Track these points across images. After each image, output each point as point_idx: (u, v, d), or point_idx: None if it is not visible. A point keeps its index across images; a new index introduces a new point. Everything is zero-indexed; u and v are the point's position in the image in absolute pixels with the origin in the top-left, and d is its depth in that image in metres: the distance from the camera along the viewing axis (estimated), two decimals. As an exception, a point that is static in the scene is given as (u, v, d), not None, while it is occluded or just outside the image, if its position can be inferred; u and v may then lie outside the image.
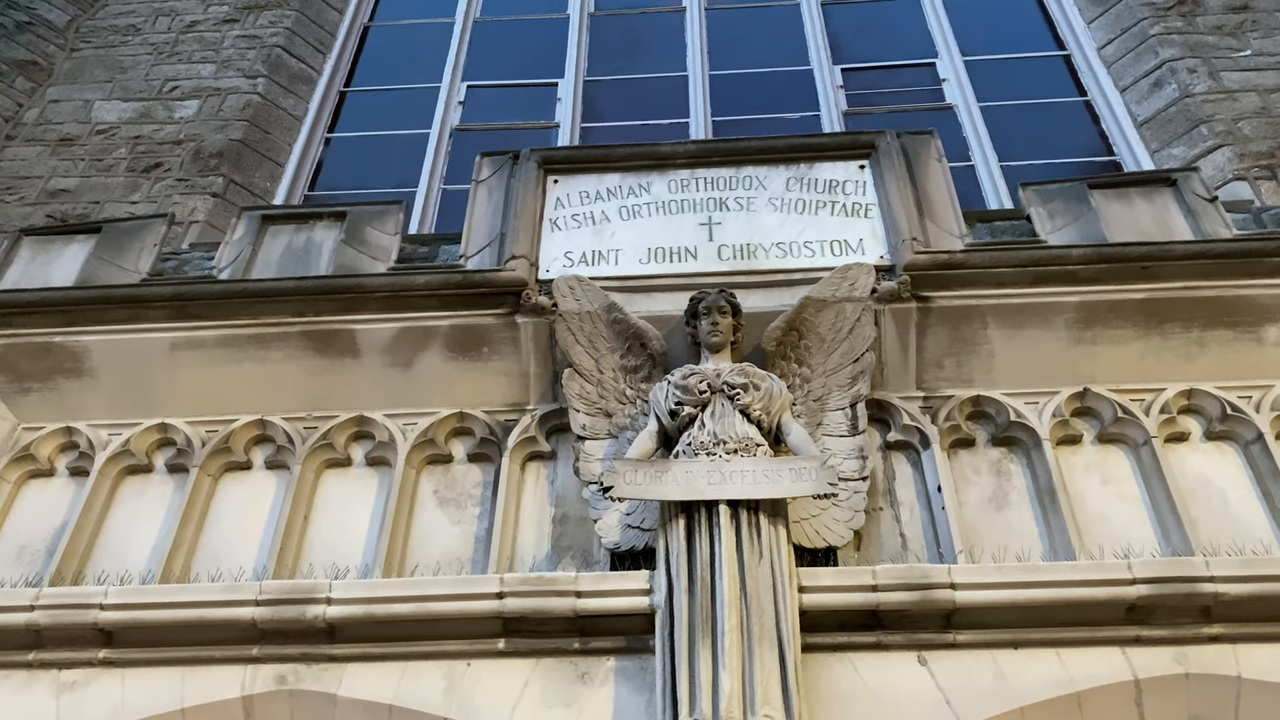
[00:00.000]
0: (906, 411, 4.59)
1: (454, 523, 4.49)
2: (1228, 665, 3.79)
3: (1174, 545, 4.11)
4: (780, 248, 4.92)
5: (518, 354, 4.74)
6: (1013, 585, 3.85)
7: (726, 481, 3.95)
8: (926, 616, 3.86)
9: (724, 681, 3.45)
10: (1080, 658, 3.82)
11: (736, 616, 3.62)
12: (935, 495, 4.33)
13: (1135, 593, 3.81)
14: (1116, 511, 4.29)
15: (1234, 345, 4.58)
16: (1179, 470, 4.37)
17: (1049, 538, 4.20)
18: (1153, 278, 4.57)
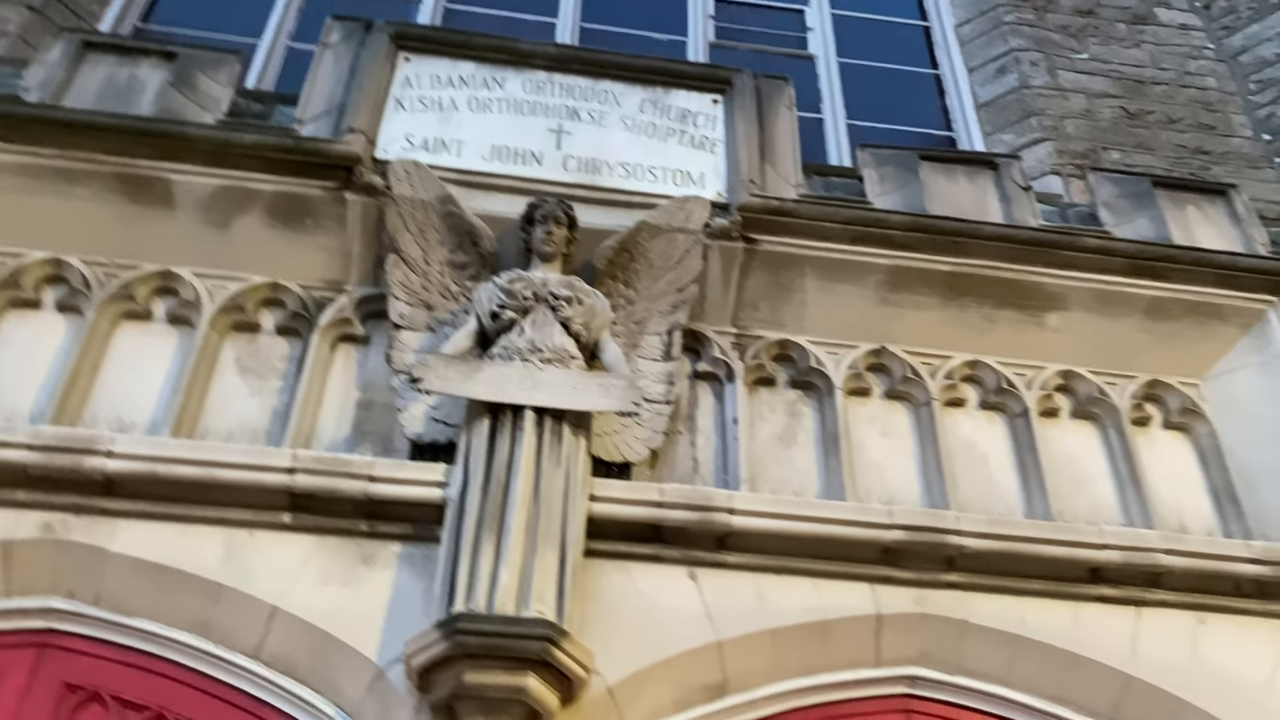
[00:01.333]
0: (719, 345, 4.78)
1: (253, 393, 4.40)
2: (959, 610, 4.21)
3: (933, 499, 4.49)
4: (625, 168, 4.97)
5: (342, 231, 4.63)
6: (785, 517, 4.14)
7: (537, 389, 4.04)
8: (703, 536, 4.10)
9: (503, 576, 3.58)
10: (834, 589, 4.16)
11: (524, 516, 3.73)
12: (731, 426, 4.56)
13: (891, 537, 4.17)
14: (890, 462, 4.64)
15: (1020, 326, 4.97)
16: (951, 432, 4.75)
17: (826, 478, 4.50)
18: (961, 253, 4.88)
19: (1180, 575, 4.29)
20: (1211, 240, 5.13)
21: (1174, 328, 5.00)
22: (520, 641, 3.40)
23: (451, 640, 3.40)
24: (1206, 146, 6.28)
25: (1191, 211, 5.31)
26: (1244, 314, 4.97)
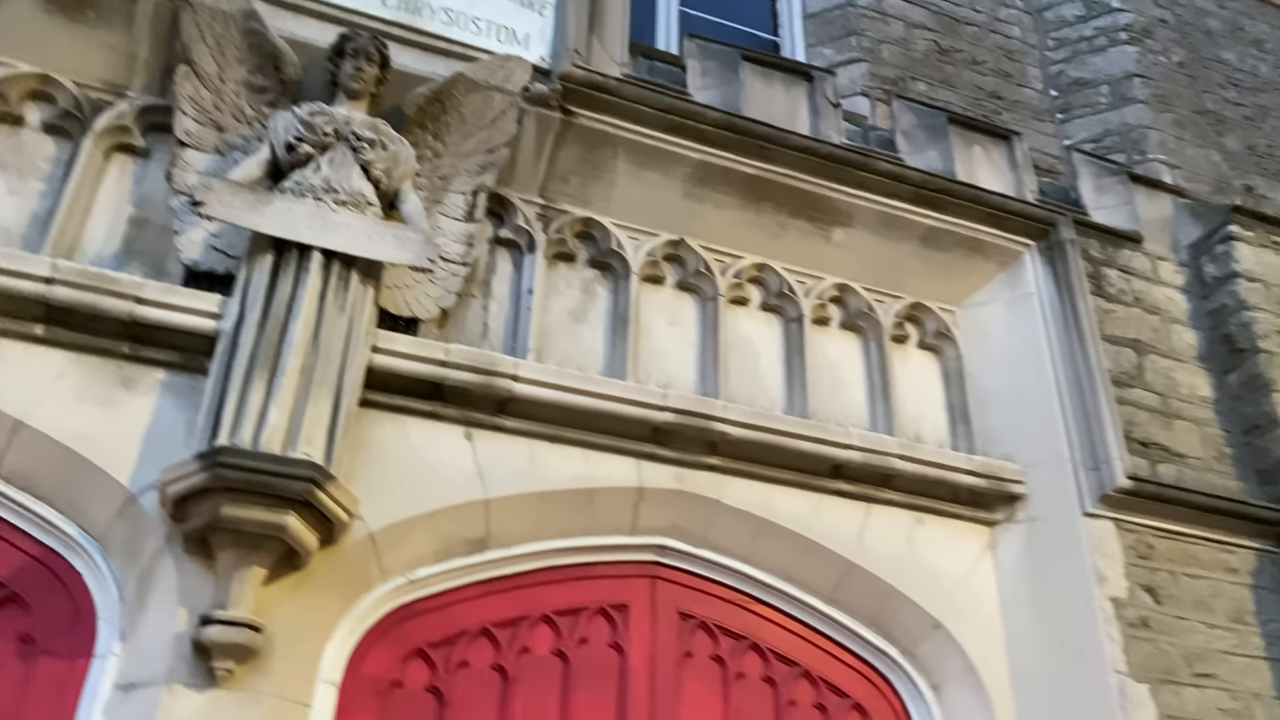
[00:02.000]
0: (524, 214, 4.77)
1: (10, 192, 4.03)
2: (715, 491, 4.52)
3: (706, 387, 4.74)
4: (449, 14, 4.77)
5: (129, 30, 4.24)
6: (566, 389, 4.27)
7: (329, 230, 3.92)
8: (484, 399, 4.17)
9: (272, 415, 3.52)
10: (602, 461, 4.36)
11: (301, 359, 3.67)
12: (525, 296, 4.60)
13: (662, 418, 4.39)
14: (672, 349, 4.83)
15: (808, 236, 5.23)
16: (732, 328, 5.00)
17: (610, 357, 4.65)
18: (767, 158, 5.05)
19: (910, 479, 4.77)
20: (989, 181, 5.54)
21: (944, 257, 5.40)
22: (284, 481, 3.39)
23: (211, 472, 3.34)
24: (1002, 92, 6.72)
25: (977, 151, 5.70)
26: (1005, 253, 5.44)
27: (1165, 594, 4.73)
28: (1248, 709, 4.57)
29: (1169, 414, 5.30)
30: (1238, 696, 4.59)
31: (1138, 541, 4.81)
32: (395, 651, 3.93)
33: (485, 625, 4.11)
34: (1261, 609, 4.88)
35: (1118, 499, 4.79)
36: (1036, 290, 5.30)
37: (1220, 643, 4.70)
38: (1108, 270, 5.53)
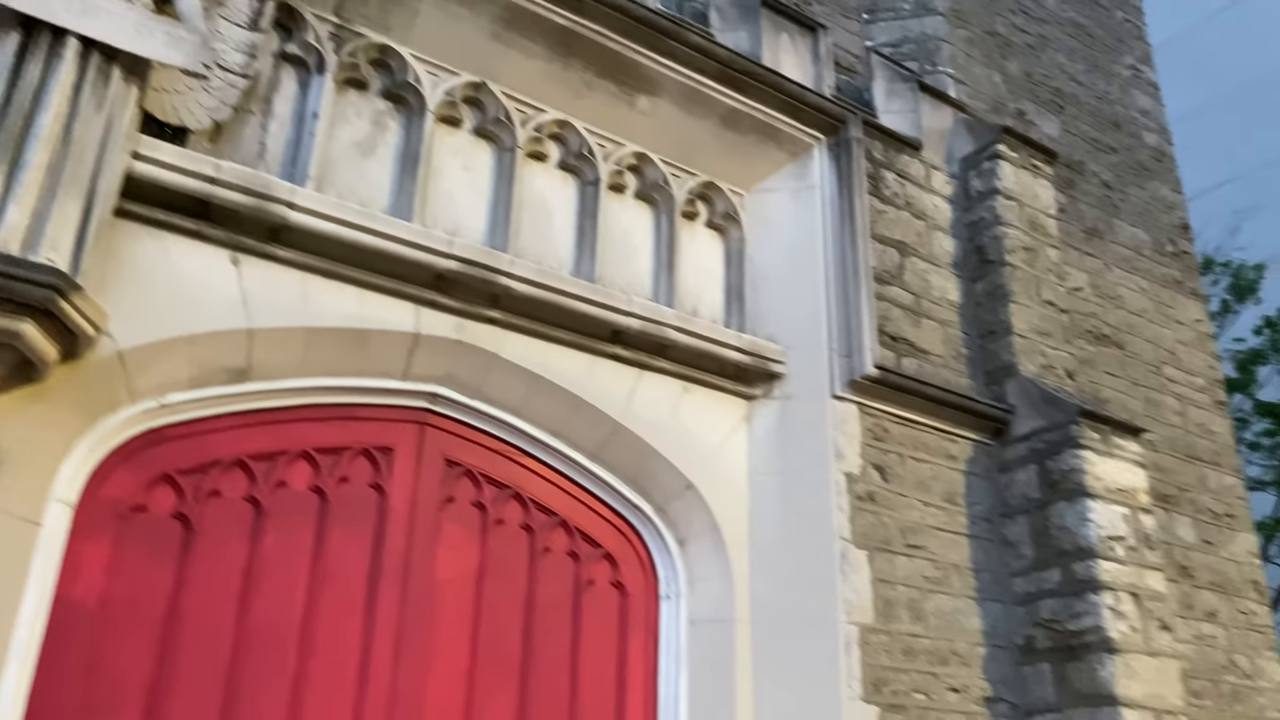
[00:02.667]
0: (315, 30, 4.45)
1: None
2: (493, 344, 4.53)
3: (495, 240, 4.69)
4: None
5: None
6: (346, 224, 4.10)
7: (88, 15, 3.51)
8: (256, 224, 3.95)
9: (10, 213, 3.19)
10: (379, 303, 4.26)
11: (48, 156, 3.32)
12: (310, 120, 4.34)
13: (447, 265, 4.32)
14: (464, 196, 4.73)
15: (614, 100, 5.19)
16: (527, 183, 4.94)
17: (397, 196, 4.50)
18: (578, 10, 4.90)
19: (682, 350, 4.97)
20: (792, 70, 5.66)
21: (740, 140, 5.52)
22: (22, 285, 3.10)
23: (-67, 267, 3.01)
24: (816, -16, 6.80)
25: (784, 40, 5.79)
26: (796, 144, 5.62)
27: (892, 473, 5.22)
28: (946, 577, 5.17)
29: (919, 313, 5.75)
30: (940, 566, 5.18)
31: (875, 425, 5.25)
32: (141, 475, 3.76)
33: (241, 456, 4.00)
34: (970, 493, 5.48)
35: (864, 385, 5.19)
36: (820, 184, 5.53)
37: (932, 519, 5.27)
38: (886, 173, 5.84)
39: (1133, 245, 7.51)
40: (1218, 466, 7.14)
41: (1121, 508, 5.26)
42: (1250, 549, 7.04)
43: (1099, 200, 7.45)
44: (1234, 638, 6.57)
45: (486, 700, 4.21)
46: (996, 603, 5.31)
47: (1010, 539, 5.45)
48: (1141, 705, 4.84)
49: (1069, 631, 5.02)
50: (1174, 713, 4.95)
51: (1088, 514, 5.12)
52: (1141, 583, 5.16)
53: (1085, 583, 5.03)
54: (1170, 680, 5.03)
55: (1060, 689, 5.01)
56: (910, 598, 5.00)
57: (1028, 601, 5.28)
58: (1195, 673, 6.18)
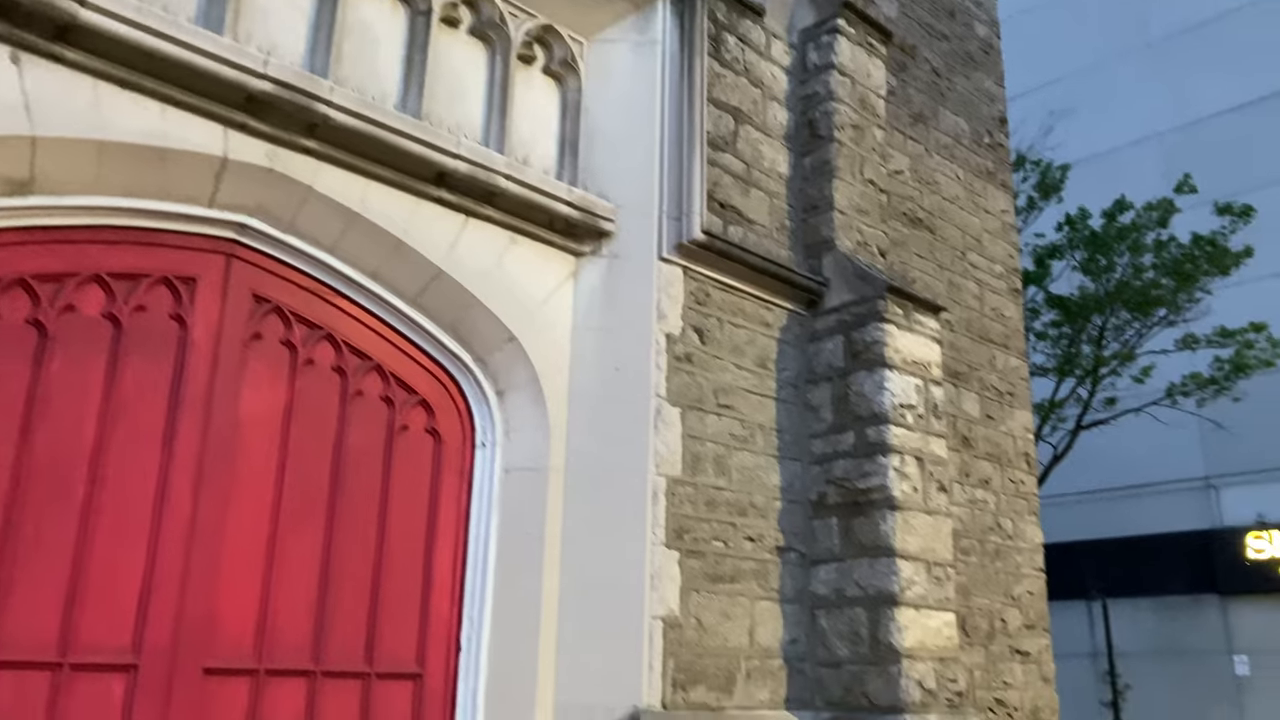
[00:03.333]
0: None
1: None
2: (308, 176, 4.31)
3: (315, 65, 4.40)
4: None
5: None
6: (145, 28, 3.74)
7: None
8: (39, 19, 3.55)
9: None
10: (183, 121, 3.95)
11: None
12: (109, -92, 3.88)
13: (260, 87, 4.03)
14: (283, 14, 4.39)
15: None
16: (352, 8, 4.62)
17: (207, 4, 4.13)
18: None
19: (511, 199, 4.87)
20: (641, -83, 5.47)
21: (582, -15, 5.33)
22: None
23: None
24: None
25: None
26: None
27: (710, 337, 5.37)
28: (752, 436, 5.43)
29: (749, 183, 5.84)
30: (747, 425, 5.43)
31: (698, 289, 5.37)
32: (-96, 290, 3.43)
33: (23, 276, 3.70)
34: (781, 359, 5.72)
35: (690, 250, 5.26)
36: (662, 40, 5.45)
37: (744, 382, 5.48)
38: (728, 36, 5.80)
39: (953, 134, 7.81)
40: (1006, 349, 7.71)
41: (915, 379, 5.63)
42: (1026, 425, 7.71)
43: (927, 86, 7.67)
44: (1002, 503, 7.24)
45: (291, 537, 4.18)
46: (795, 461, 5.64)
47: (813, 404, 5.76)
48: (915, 557, 5.30)
49: (857, 489, 5.40)
50: (943, 565, 5.46)
51: (884, 383, 5.45)
52: (926, 448, 5.57)
53: (876, 446, 5.39)
54: (943, 537, 5.52)
55: (845, 541, 5.42)
56: (717, 454, 5.24)
57: (823, 461, 5.62)
58: (966, 532, 6.81)
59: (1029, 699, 6.94)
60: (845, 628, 5.29)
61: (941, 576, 5.42)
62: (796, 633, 5.36)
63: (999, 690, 6.73)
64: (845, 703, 5.20)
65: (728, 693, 4.94)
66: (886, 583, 5.18)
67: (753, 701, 5.03)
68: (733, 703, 4.94)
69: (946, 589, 5.43)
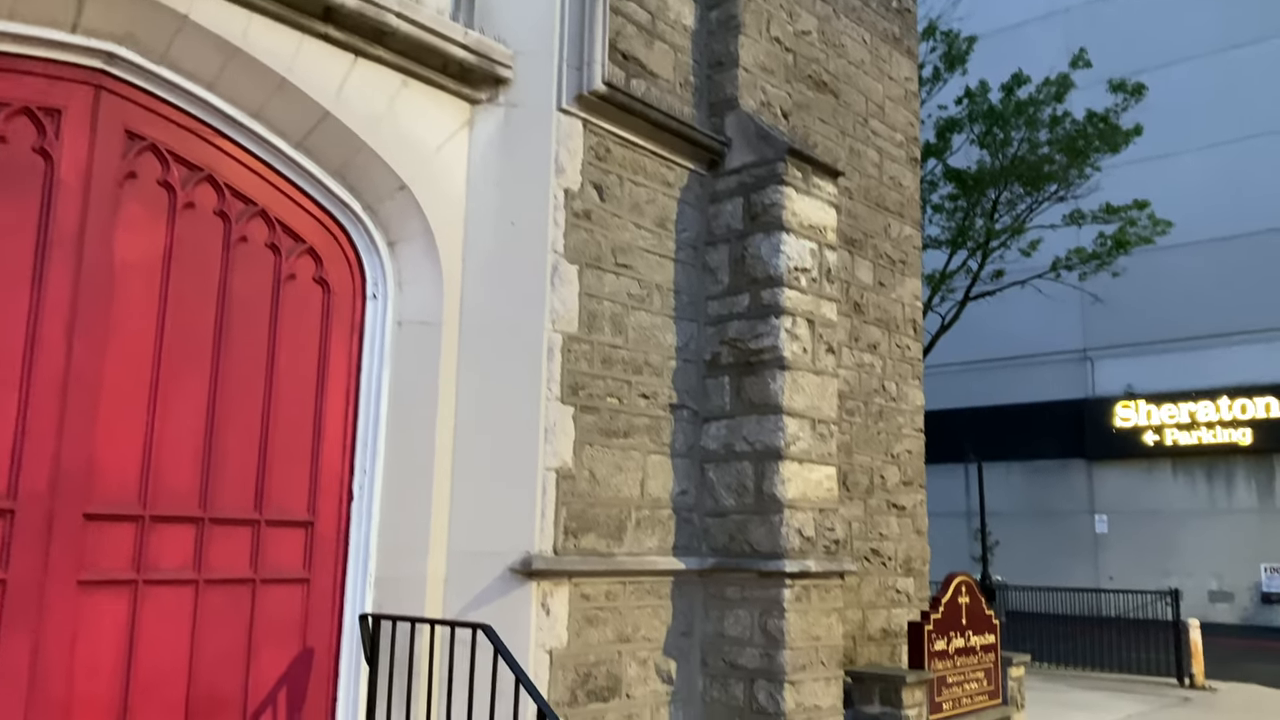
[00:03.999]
0: None
1: None
2: (181, 3, 4.02)
3: (187, -121, 4.06)
4: None
5: None
6: None
7: None
8: None
9: None
10: (39, -66, 3.62)
11: None
12: None
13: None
14: None
15: None
16: None
17: None
18: None
19: (403, 39, 4.65)
20: None
21: None
22: None
23: None
24: None
25: None
26: None
27: (610, 194, 5.32)
28: (649, 295, 5.46)
29: (654, 34, 5.69)
30: (645, 285, 5.45)
31: (599, 144, 5.28)
32: None
33: None
34: (681, 219, 5.72)
35: (591, 101, 5.15)
36: (566, -125, 5.17)
37: (643, 242, 5.48)
38: (636, -124, 5.54)
39: (863, -4, 7.71)
40: (901, 218, 7.85)
41: (811, 243, 5.71)
42: (915, 293, 7.94)
43: (839, -56, 7.52)
44: (888, 367, 7.51)
45: (174, 386, 4.08)
46: (691, 322, 5.71)
47: (711, 265, 5.80)
48: (801, 415, 5.49)
49: (750, 350, 5.53)
50: (827, 422, 5.67)
51: (781, 246, 5.51)
52: (818, 311, 5.71)
53: (769, 307, 5.50)
54: (829, 396, 5.72)
55: (736, 399, 5.57)
56: (614, 312, 5.26)
57: (718, 322, 5.71)
58: (852, 394, 7.06)
59: (902, 549, 7.38)
60: (732, 480, 5.49)
61: (825, 433, 5.64)
62: (686, 485, 5.55)
63: (875, 541, 7.14)
64: (730, 549, 5.44)
65: (618, 540, 5.11)
66: (773, 438, 5.37)
67: (642, 548, 5.23)
68: (622, 549, 5.12)
69: (829, 445, 5.66)
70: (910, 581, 7.41)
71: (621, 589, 5.10)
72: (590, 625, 4.92)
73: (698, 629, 5.46)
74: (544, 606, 4.70)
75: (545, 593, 4.71)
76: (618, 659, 5.03)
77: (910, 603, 7.31)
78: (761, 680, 5.18)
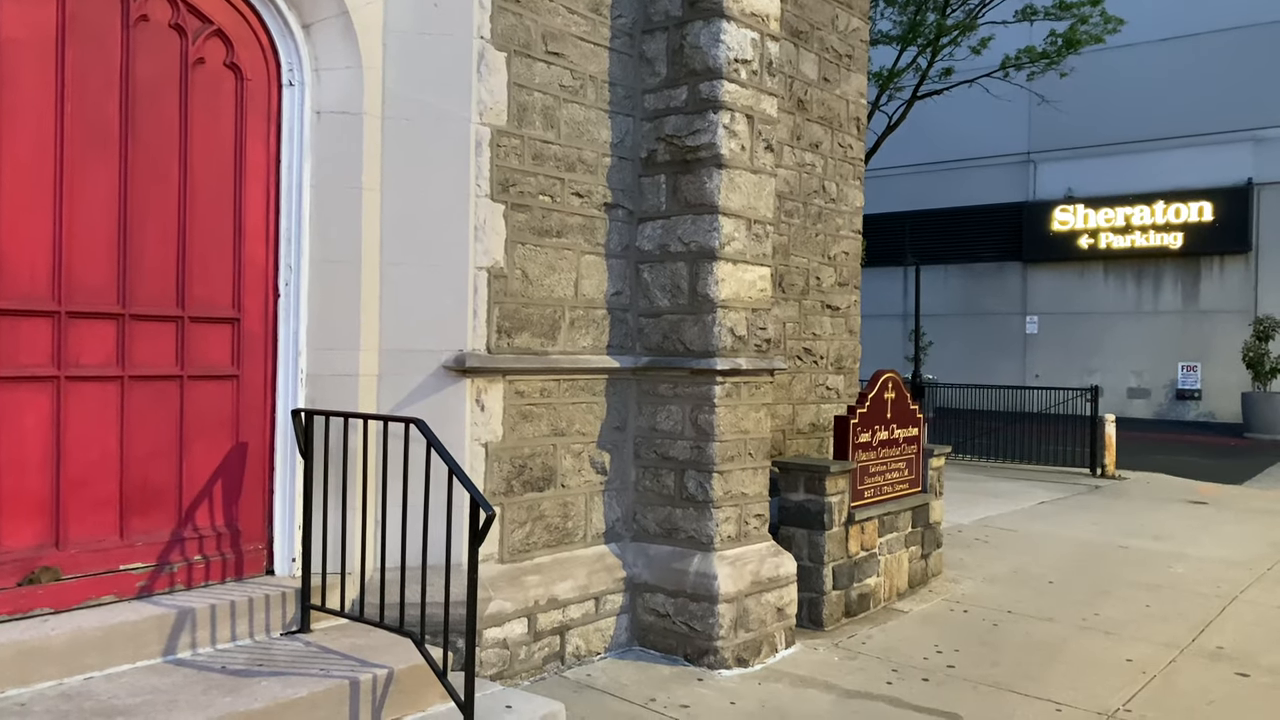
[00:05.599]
0: None
1: None
2: None
3: None
4: None
5: None
6: None
7: None
8: None
9: None
10: None
11: None
12: None
13: None
14: None
15: None
16: None
17: None
18: None
19: None
20: None
21: None
22: None
23: None
24: None
25: None
26: None
27: (541, -25, 5.00)
28: (583, 87, 5.25)
29: None
30: (578, 76, 5.24)
31: (529, -81, 4.92)
32: None
33: None
34: (617, 4, 5.44)
35: None
36: None
37: (575, 28, 5.21)
38: None
39: None
40: (849, 9, 7.55)
41: (752, 33, 5.48)
42: (860, 90, 7.75)
43: None
44: (830, 167, 7.42)
45: (79, 175, 3.88)
46: (627, 117, 5.54)
47: (648, 55, 5.57)
48: (737, 214, 5.44)
49: (687, 147, 5.40)
50: (763, 223, 5.64)
51: (721, 35, 5.29)
52: (758, 107, 5.55)
53: (708, 101, 5.33)
54: (765, 196, 5.66)
55: (672, 198, 5.49)
56: (545, 104, 5.07)
57: (655, 118, 5.54)
58: (791, 194, 7.00)
59: (834, 349, 7.55)
60: (667, 281, 5.49)
61: (760, 234, 5.61)
62: (620, 285, 5.54)
63: (808, 341, 7.28)
64: (663, 348, 5.51)
65: (552, 339, 5.13)
66: (707, 239, 5.33)
67: (575, 347, 5.27)
68: (556, 348, 5.15)
69: (765, 246, 5.65)
70: (841, 379, 7.63)
71: (556, 386, 5.17)
72: (525, 420, 5.01)
73: (631, 424, 5.60)
74: (478, 403, 4.76)
75: (480, 389, 4.76)
76: (552, 452, 5.16)
77: (840, 399, 7.55)
78: (691, 470, 5.38)
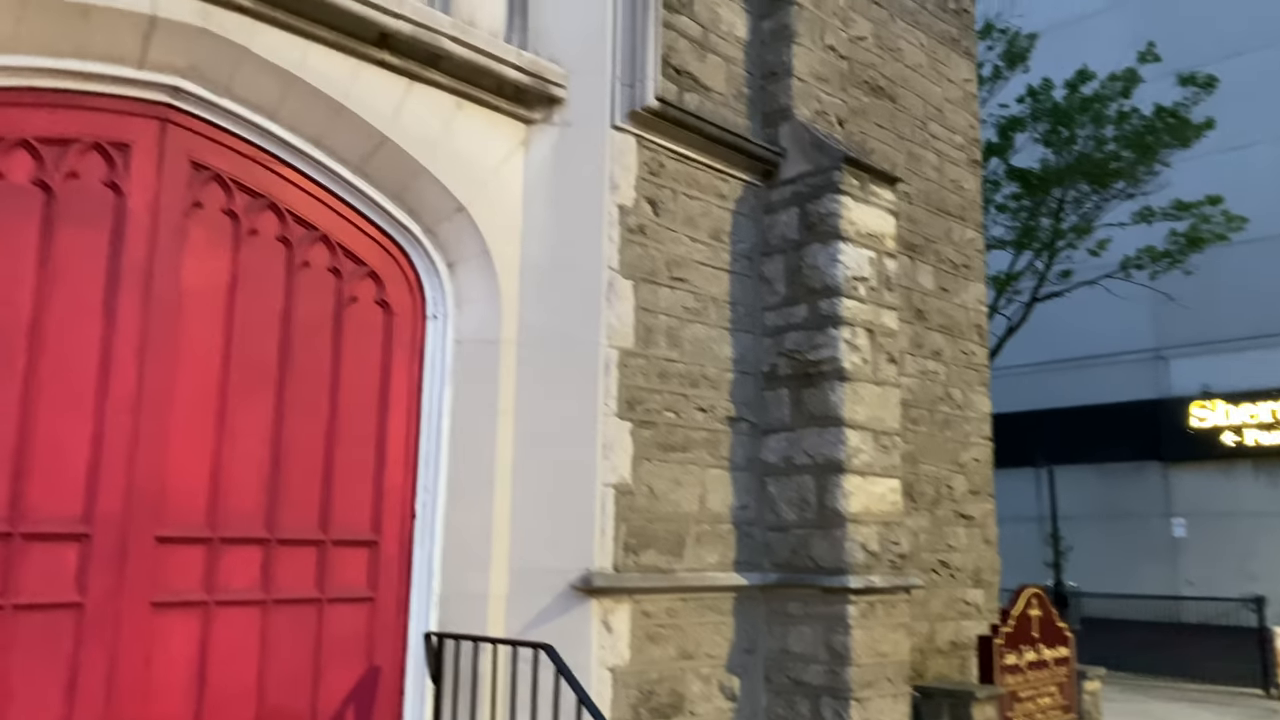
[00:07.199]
0: None
1: None
2: (243, 36, 4.12)
3: (245, -85, 4.16)
4: None
5: None
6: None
7: None
8: None
9: None
10: (110, -23, 3.74)
11: None
12: None
13: (186, -61, 3.81)
14: None
15: None
16: None
17: None
18: None
19: (457, 63, 4.71)
20: None
21: None
22: None
23: None
24: None
25: None
26: None
27: (664, 208, 5.31)
28: (705, 308, 5.44)
29: (706, 47, 5.68)
30: (700, 298, 5.44)
31: (652, 159, 5.28)
32: None
33: (-58, 141, 3.55)
34: (736, 231, 5.69)
35: (644, 117, 5.15)
36: (615, -106, 5.19)
37: (698, 254, 5.46)
38: (685, -111, 5.54)
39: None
40: (963, 221, 7.72)
41: (869, 251, 5.63)
42: (979, 298, 7.79)
43: (893, -53, 7.43)
44: (953, 374, 7.38)
45: (240, 409, 4.17)
46: (748, 334, 5.68)
47: (767, 276, 5.76)
48: (863, 426, 5.42)
49: (808, 361, 5.47)
50: (890, 433, 5.59)
51: (838, 256, 5.45)
52: (877, 320, 5.63)
53: (827, 318, 5.44)
54: (891, 406, 5.63)
55: (796, 411, 5.51)
56: (669, 326, 5.26)
57: (776, 334, 5.67)
58: (916, 402, 6.95)
59: (971, 560, 7.24)
60: (793, 494, 5.44)
61: (888, 444, 5.55)
62: (746, 499, 5.51)
63: (943, 552, 7.01)
64: (792, 564, 5.39)
65: (678, 555, 5.09)
66: (834, 451, 5.30)
67: (702, 564, 5.20)
68: (683, 565, 5.10)
69: (893, 456, 5.58)
70: (980, 593, 7.27)
71: (683, 605, 5.08)
72: (652, 642, 4.91)
73: (761, 645, 5.41)
74: (605, 624, 4.70)
75: (606, 610, 4.71)
76: (680, 676, 5.01)
77: (980, 614, 7.16)
78: (827, 697, 5.12)
